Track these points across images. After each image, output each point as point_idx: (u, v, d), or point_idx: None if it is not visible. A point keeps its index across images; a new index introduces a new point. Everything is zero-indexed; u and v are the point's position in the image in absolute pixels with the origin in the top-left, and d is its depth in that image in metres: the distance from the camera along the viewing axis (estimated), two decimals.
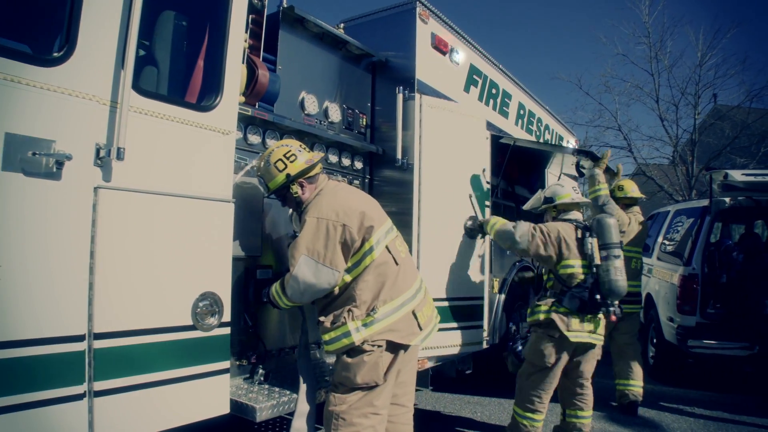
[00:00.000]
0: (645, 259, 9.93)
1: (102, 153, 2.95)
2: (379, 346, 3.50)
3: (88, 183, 2.93)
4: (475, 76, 6.51)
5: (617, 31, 37.16)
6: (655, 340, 8.74)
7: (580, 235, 5.22)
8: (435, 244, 5.36)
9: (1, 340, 2.58)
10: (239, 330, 4.26)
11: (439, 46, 5.73)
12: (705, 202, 8.35)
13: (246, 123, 4.36)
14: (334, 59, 5.30)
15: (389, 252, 3.70)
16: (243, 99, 4.25)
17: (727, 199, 8.16)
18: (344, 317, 3.51)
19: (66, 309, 2.84)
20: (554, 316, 5.11)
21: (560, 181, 5.69)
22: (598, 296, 5.11)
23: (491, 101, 7.00)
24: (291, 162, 3.78)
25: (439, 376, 6.14)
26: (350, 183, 5.31)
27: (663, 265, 8.86)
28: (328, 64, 5.24)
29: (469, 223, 5.70)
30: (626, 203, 7.27)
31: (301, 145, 3.93)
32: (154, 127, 3.25)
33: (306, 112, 4.90)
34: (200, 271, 3.47)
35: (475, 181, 5.81)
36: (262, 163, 3.91)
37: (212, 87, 3.64)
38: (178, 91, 3.73)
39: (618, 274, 5.12)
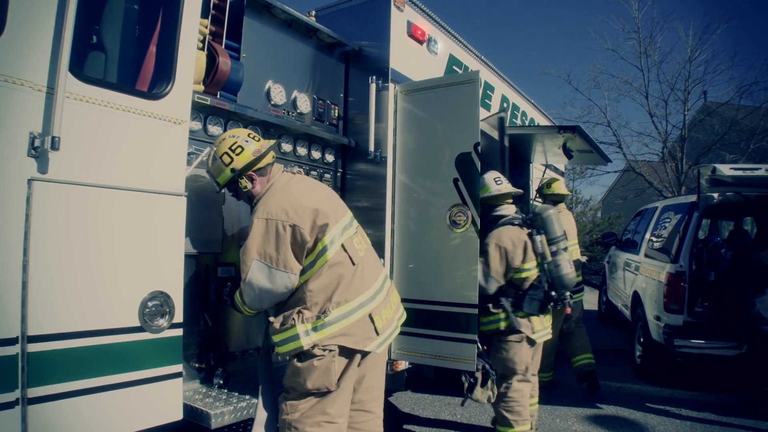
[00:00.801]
0: (632, 257, 9.90)
1: (37, 143, 2.77)
2: (330, 351, 3.29)
3: (21, 174, 2.75)
4: (454, 67, 6.33)
5: (607, 26, 37.35)
6: (642, 339, 8.61)
7: (527, 236, 5.16)
8: (413, 242, 5.14)
9: None
10: (199, 331, 4.11)
11: (416, 35, 5.56)
12: (693, 198, 8.21)
13: (206, 113, 4.18)
14: (304, 48, 5.13)
15: (345, 251, 3.46)
16: (202, 88, 4.09)
17: (716, 195, 8.04)
18: (294, 319, 3.29)
19: None
20: (516, 321, 5.05)
21: (483, 174, 5.32)
22: (553, 292, 5.11)
23: None
24: (237, 155, 3.55)
25: (417, 376, 5.99)
26: (320, 177, 5.16)
27: (650, 262, 8.74)
28: (298, 52, 5.07)
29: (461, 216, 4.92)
30: (554, 200, 7.78)
31: (249, 134, 3.69)
32: (97, 116, 3.06)
33: (272, 102, 4.73)
34: (149, 269, 3.29)
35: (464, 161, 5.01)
36: (210, 157, 3.70)
37: (164, 74, 3.45)
38: (128, 78, 3.54)
39: (568, 267, 5.10)
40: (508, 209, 5.34)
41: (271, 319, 3.43)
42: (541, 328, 5.17)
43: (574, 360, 7.67)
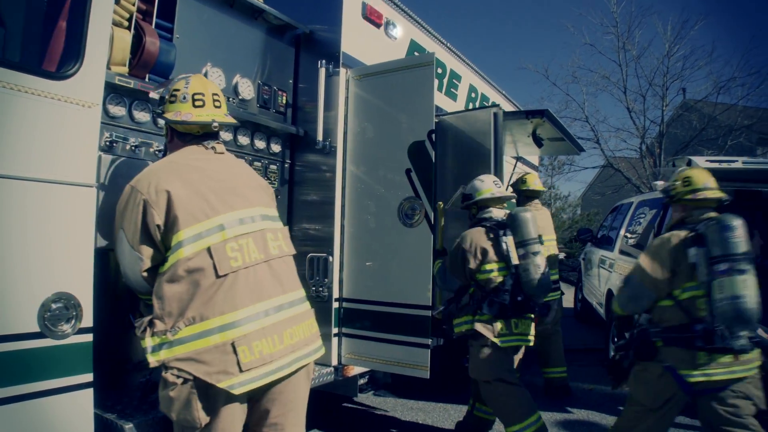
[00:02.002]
0: (607, 253, 9.69)
1: None
2: (186, 381, 2.72)
3: None
4: (416, 53, 6.08)
5: (585, 21, 37.81)
6: (616, 339, 8.39)
7: (492, 236, 5.01)
8: (363, 238, 4.94)
9: None
10: (120, 334, 3.80)
11: (372, 17, 5.30)
12: None
13: (132, 97, 3.87)
14: (248, 30, 4.84)
15: (210, 256, 2.81)
16: (127, 70, 3.80)
17: None
18: (146, 329, 2.82)
19: None
20: (478, 326, 4.91)
21: (482, 176, 5.25)
22: (520, 297, 4.92)
23: (436, 81, 6.56)
24: (169, 102, 3.19)
25: (374, 381, 5.71)
26: (266, 168, 4.87)
27: (625, 259, 8.54)
28: (241, 35, 4.78)
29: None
30: (527, 196, 7.58)
31: (197, 95, 3.19)
32: None
33: None
34: (51, 268, 2.98)
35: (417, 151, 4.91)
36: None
37: (71, 52, 3.14)
38: (32, 55, 3.26)
39: (538, 272, 4.90)
40: (498, 213, 5.21)
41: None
42: (506, 332, 4.96)
43: (546, 371, 7.51)
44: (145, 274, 2.93)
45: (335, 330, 4.76)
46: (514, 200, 7.36)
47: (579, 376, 8.15)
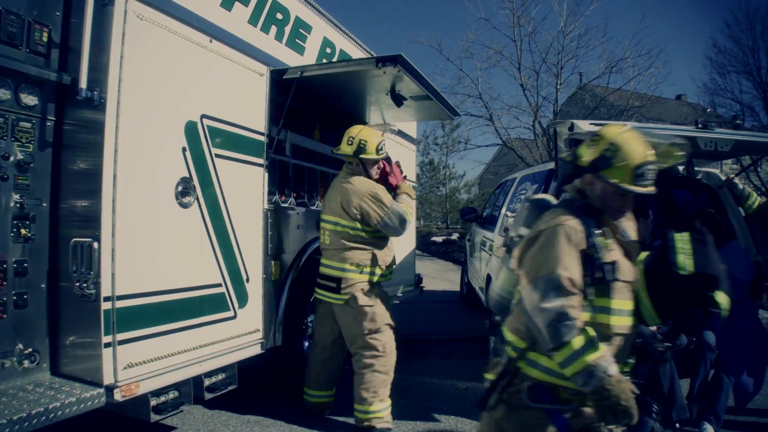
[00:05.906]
0: (488, 234, 8.97)
1: None
2: None
3: None
4: None
5: None
6: None
7: None
8: (140, 219, 4.01)
9: None
10: None
11: None
12: (552, 165, 7.26)
13: None
14: None
15: None
16: None
17: None
18: None
19: None
20: None
21: None
22: None
23: (273, 28, 5.59)
24: None
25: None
26: (12, 126, 3.68)
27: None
28: None
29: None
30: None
31: None
32: None
33: None
34: None
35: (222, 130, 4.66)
36: None
37: None
38: None
39: None
40: None
41: None
42: None
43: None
44: None
45: (107, 339, 3.68)
46: None
47: (455, 372, 7.55)
